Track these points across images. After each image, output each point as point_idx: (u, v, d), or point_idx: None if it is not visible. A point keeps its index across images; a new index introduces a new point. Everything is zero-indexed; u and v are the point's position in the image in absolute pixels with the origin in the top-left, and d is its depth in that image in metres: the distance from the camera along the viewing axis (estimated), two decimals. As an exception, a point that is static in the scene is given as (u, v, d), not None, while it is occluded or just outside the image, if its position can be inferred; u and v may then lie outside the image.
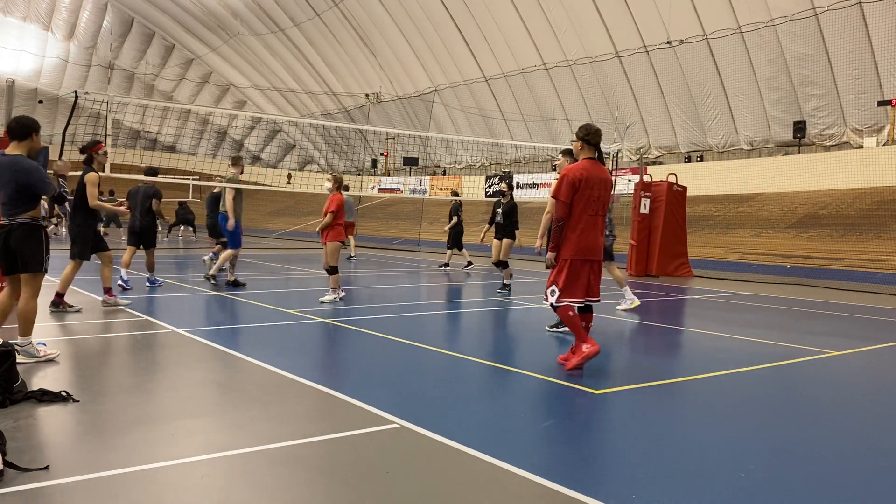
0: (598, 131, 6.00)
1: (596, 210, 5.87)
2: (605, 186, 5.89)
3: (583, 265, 5.87)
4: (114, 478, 3.27)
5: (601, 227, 5.97)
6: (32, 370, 5.22)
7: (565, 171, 5.89)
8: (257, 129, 56.66)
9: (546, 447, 3.92)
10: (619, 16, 29.21)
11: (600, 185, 5.86)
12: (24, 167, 5.39)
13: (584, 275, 5.87)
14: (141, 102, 37.68)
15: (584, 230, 5.84)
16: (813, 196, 23.81)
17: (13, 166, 5.36)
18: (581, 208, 5.82)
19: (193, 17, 47.50)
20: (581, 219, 5.83)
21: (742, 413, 4.82)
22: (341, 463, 3.57)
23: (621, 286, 10.05)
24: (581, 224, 5.83)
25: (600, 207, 5.89)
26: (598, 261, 5.95)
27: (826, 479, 3.60)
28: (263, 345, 6.73)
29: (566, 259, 5.87)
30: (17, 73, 47.02)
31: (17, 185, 5.37)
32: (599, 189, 5.85)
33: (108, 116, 12.94)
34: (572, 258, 5.84)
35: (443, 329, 7.82)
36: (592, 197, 5.82)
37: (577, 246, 5.83)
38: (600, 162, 6.00)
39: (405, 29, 38.52)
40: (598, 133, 5.98)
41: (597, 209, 5.87)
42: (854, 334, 8.70)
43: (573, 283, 5.84)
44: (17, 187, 5.38)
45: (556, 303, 5.88)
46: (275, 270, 14.51)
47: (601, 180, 5.87)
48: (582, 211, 5.82)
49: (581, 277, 5.86)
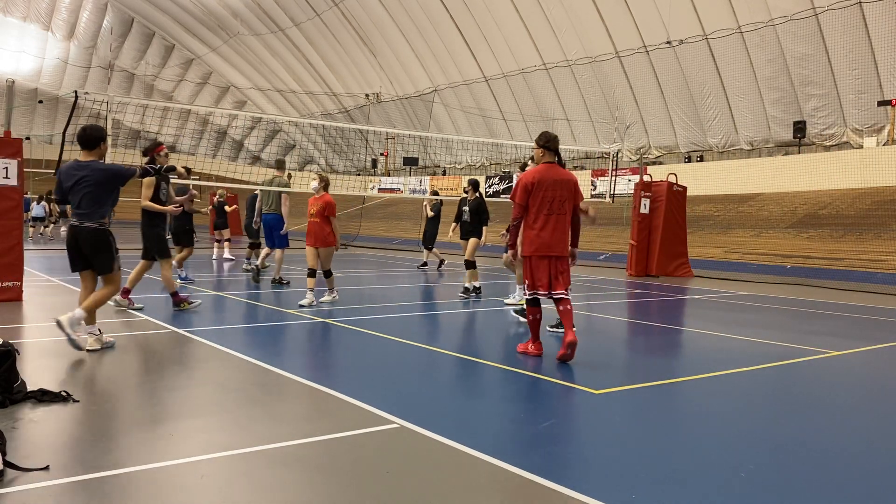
0: (556, 138, 6.50)
1: (552, 209, 6.26)
2: (562, 187, 6.29)
3: (541, 261, 6.27)
4: (114, 478, 3.27)
5: (562, 225, 6.31)
6: (32, 370, 5.22)
7: (521, 177, 6.43)
8: (257, 129, 56.66)
9: (546, 447, 3.92)
10: (619, 16, 29.20)
11: (555, 185, 6.28)
12: (100, 167, 6.07)
13: (541, 270, 6.27)
14: (141, 102, 37.64)
15: (541, 228, 6.25)
16: (813, 196, 23.81)
17: (88, 169, 5.99)
18: (537, 209, 6.26)
19: (193, 17, 47.50)
20: (538, 218, 6.26)
21: (742, 413, 4.82)
22: (341, 463, 3.57)
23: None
24: (538, 223, 6.26)
25: (557, 206, 6.27)
26: (557, 256, 6.29)
27: (826, 479, 3.60)
28: (263, 345, 6.73)
29: (527, 256, 6.33)
30: (17, 73, 47.04)
31: (95, 188, 5.97)
32: (555, 190, 6.27)
33: (108, 116, 12.93)
34: (531, 255, 6.28)
35: (443, 329, 7.83)
36: (547, 197, 6.26)
37: (535, 243, 6.26)
38: (560, 165, 6.47)
39: (405, 29, 38.51)
40: (556, 140, 6.49)
41: (553, 209, 6.26)
42: (854, 334, 8.70)
43: (537, 278, 6.29)
44: (95, 190, 5.97)
45: (527, 296, 6.39)
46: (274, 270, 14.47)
47: (557, 181, 6.29)
48: (538, 211, 6.26)
49: (542, 272, 6.27)
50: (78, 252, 6.10)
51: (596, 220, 7.32)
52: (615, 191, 19.67)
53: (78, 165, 6.06)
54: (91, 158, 6.09)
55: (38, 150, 37.81)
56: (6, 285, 8.86)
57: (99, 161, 6.13)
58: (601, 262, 21.72)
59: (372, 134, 45.92)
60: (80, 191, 6.00)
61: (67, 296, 9.65)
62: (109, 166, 6.19)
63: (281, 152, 56.60)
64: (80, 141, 6.09)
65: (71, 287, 10.54)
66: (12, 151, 8.92)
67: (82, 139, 6.08)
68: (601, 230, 27.38)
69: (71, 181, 6.04)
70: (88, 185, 5.99)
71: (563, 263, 6.35)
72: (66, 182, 6.06)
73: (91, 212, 6.04)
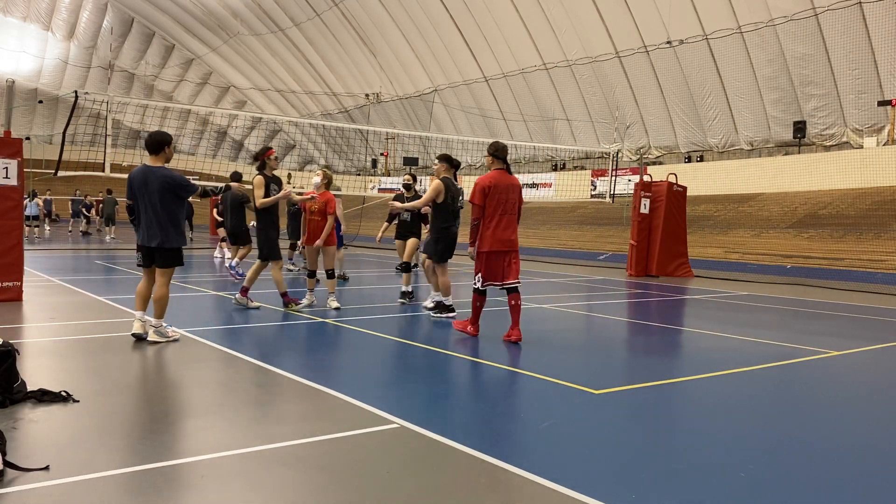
0: (505, 147, 7.31)
1: (506, 210, 7.09)
2: (513, 190, 7.18)
3: (498, 255, 7.09)
4: (114, 478, 3.27)
5: (513, 224, 7.19)
6: (32, 370, 5.22)
7: (478, 181, 7.19)
8: (257, 129, 56.64)
9: (546, 447, 3.92)
10: (619, 16, 29.19)
11: (508, 189, 7.14)
12: (171, 175, 6.43)
13: (499, 263, 7.10)
14: (141, 102, 37.67)
15: (497, 227, 7.07)
16: (813, 196, 23.81)
17: (156, 174, 6.37)
18: (493, 210, 7.06)
19: (193, 17, 47.48)
20: (494, 218, 7.07)
21: (742, 413, 4.82)
22: (341, 463, 3.57)
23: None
24: (494, 222, 7.07)
25: (510, 207, 7.12)
26: (512, 251, 7.15)
27: (826, 479, 3.60)
28: (263, 345, 6.74)
29: (484, 251, 7.10)
30: (17, 73, 47.01)
31: (161, 192, 6.32)
32: (508, 193, 7.12)
33: (108, 116, 12.94)
34: (489, 250, 7.07)
35: (442, 329, 7.82)
36: (502, 199, 7.08)
37: (492, 240, 7.06)
38: (508, 172, 7.27)
39: (405, 29, 38.50)
40: (505, 149, 7.31)
41: (506, 209, 7.10)
42: (854, 334, 8.70)
43: (492, 271, 7.10)
44: (162, 193, 6.32)
45: (481, 287, 7.15)
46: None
47: (509, 186, 7.16)
48: (493, 212, 7.06)
49: (498, 265, 7.09)
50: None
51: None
52: (615, 191, 19.66)
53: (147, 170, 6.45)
54: (158, 164, 6.49)
55: (38, 150, 37.80)
56: (6, 285, 8.86)
57: (166, 168, 6.52)
58: (601, 262, 21.73)
59: (372, 134, 45.89)
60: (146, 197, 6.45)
61: (67, 296, 9.65)
62: (175, 177, 6.50)
63: (281, 152, 56.59)
64: (147, 147, 6.53)
65: (71, 287, 10.55)
66: (12, 151, 8.92)
67: (148, 145, 6.50)
68: (601, 230, 27.40)
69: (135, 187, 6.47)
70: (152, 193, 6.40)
71: (515, 256, 7.20)
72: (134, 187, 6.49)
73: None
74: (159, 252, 6.46)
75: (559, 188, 32.08)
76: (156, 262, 6.52)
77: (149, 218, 6.42)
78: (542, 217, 32.45)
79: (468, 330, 7.30)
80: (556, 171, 34.35)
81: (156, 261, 6.51)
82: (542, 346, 7.21)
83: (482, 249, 7.09)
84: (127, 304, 8.82)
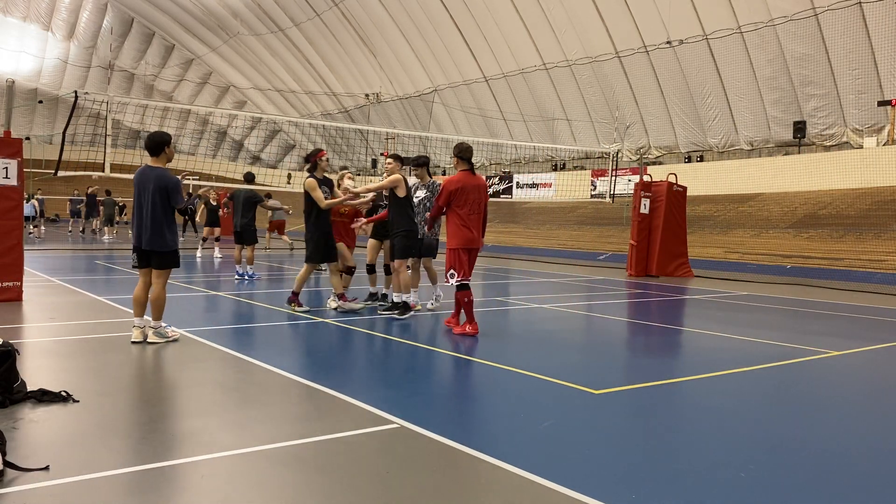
0: (469, 148, 7.53)
1: (472, 210, 7.43)
2: (479, 191, 7.51)
3: (464, 252, 7.47)
4: (114, 478, 3.27)
5: (479, 223, 7.53)
6: (32, 370, 5.22)
7: (445, 182, 7.51)
8: (257, 129, 56.65)
9: (546, 447, 3.92)
10: (619, 16, 29.18)
11: (475, 190, 7.46)
12: (166, 176, 6.40)
13: (465, 259, 7.49)
14: (141, 102, 37.61)
15: (465, 226, 7.41)
16: (813, 196, 23.81)
17: (154, 173, 6.37)
18: (462, 211, 7.40)
19: (193, 17, 47.48)
20: (461, 217, 7.40)
21: (742, 413, 4.82)
22: (341, 463, 3.57)
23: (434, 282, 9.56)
24: (461, 221, 7.41)
25: (476, 207, 7.46)
26: (476, 248, 7.54)
27: (826, 480, 3.60)
28: (263, 345, 6.74)
29: (454, 248, 7.43)
30: (17, 73, 47.03)
31: (156, 192, 6.31)
32: (474, 193, 7.44)
33: (108, 116, 12.94)
34: (458, 247, 7.42)
35: (442, 329, 7.82)
36: (469, 200, 7.40)
37: (461, 238, 7.42)
38: (472, 173, 7.54)
39: (405, 29, 38.49)
40: (470, 150, 7.53)
41: (473, 209, 7.43)
42: (854, 334, 8.70)
43: (461, 265, 7.46)
44: (157, 194, 6.32)
45: (457, 283, 7.45)
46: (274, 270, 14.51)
47: (475, 186, 7.48)
48: (463, 212, 7.40)
49: (465, 261, 7.48)
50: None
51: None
52: (615, 191, 19.66)
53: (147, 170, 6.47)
54: (158, 165, 6.47)
55: (38, 150, 37.78)
56: (6, 285, 8.86)
57: (167, 170, 6.48)
58: (601, 262, 21.73)
59: (372, 134, 45.88)
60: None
61: (67, 296, 9.65)
62: (172, 182, 6.47)
63: (281, 152, 56.60)
64: (146, 148, 6.51)
65: (71, 287, 10.55)
66: (12, 151, 8.92)
67: (148, 147, 6.48)
68: (601, 230, 27.40)
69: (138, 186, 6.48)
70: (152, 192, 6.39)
71: (476, 255, 7.62)
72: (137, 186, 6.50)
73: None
74: (155, 254, 6.43)
75: (559, 188, 32.08)
76: (152, 264, 6.48)
77: (144, 219, 6.38)
78: (542, 217, 32.44)
79: (468, 331, 7.37)
80: (556, 171, 34.34)
81: (152, 262, 6.48)
82: (542, 346, 7.22)
83: (452, 246, 7.45)
84: (127, 304, 8.82)
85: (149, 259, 6.48)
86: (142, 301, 6.49)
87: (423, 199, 8.94)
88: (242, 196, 12.64)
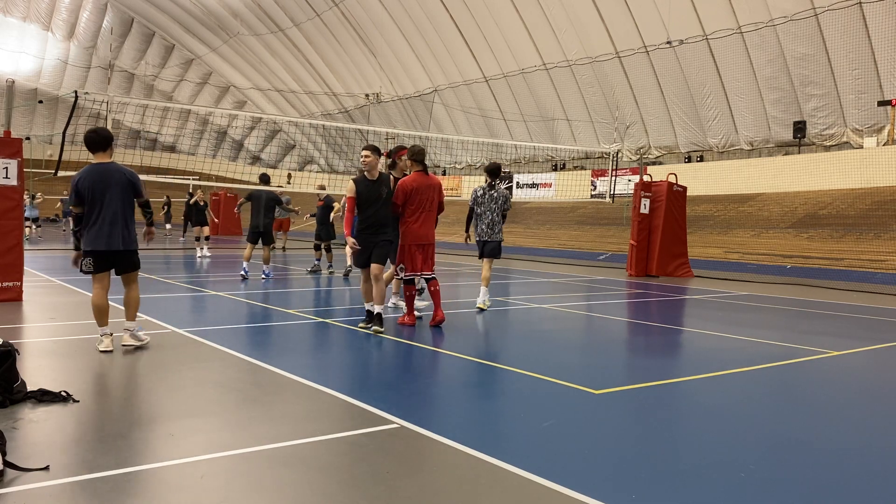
0: (422, 150, 7.97)
1: (425, 208, 7.83)
2: (432, 191, 7.91)
3: (417, 248, 7.83)
4: (114, 478, 3.27)
5: (431, 220, 7.93)
6: (32, 370, 5.22)
7: (400, 183, 7.85)
8: (257, 129, 56.64)
9: (546, 447, 3.92)
10: (619, 16, 29.18)
11: (427, 190, 7.87)
12: (129, 171, 6.15)
13: (418, 256, 7.84)
14: (141, 102, 37.66)
15: (417, 223, 7.81)
16: (813, 196, 23.81)
17: (120, 171, 6.08)
18: (413, 208, 7.79)
19: (193, 17, 47.48)
20: (414, 215, 7.80)
21: (742, 413, 4.82)
22: (341, 463, 3.57)
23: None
24: (414, 219, 7.80)
25: (427, 206, 7.85)
26: (428, 244, 7.90)
27: (826, 480, 3.60)
28: (263, 345, 6.74)
29: (404, 245, 7.85)
30: (17, 73, 47.06)
31: (126, 189, 6.04)
32: (427, 193, 7.85)
33: (108, 116, 12.96)
34: (409, 244, 7.83)
35: (442, 329, 7.81)
36: (423, 199, 7.81)
37: (413, 235, 7.81)
38: (426, 173, 7.94)
39: (405, 29, 38.49)
40: (422, 152, 7.98)
41: (425, 207, 7.83)
42: (854, 334, 8.70)
43: (412, 262, 7.84)
44: (126, 191, 6.05)
45: (405, 276, 7.90)
46: (274, 270, 14.51)
47: (428, 186, 7.88)
48: (414, 210, 7.80)
49: (416, 257, 7.84)
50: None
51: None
52: (615, 191, 19.67)
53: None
54: (108, 160, 6.13)
55: (38, 150, 37.80)
56: (6, 285, 8.86)
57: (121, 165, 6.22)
58: (601, 262, 21.72)
59: (372, 134, 45.88)
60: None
61: (67, 296, 9.65)
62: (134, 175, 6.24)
63: (281, 152, 56.59)
64: (92, 143, 6.07)
65: (71, 287, 10.55)
66: (12, 151, 8.92)
67: (95, 141, 6.06)
68: (601, 230, 27.40)
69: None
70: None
71: (431, 249, 7.96)
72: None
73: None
74: (127, 253, 6.10)
75: (559, 188, 32.08)
76: (120, 267, 6.14)
77: (112, 217, 5.96)
78: (542, 217, 32.44)
79: (406, 321, 7.91)
80: (556, 171, 34.34)
81: (119, 265, 6.13)
82: (543, 346, 7.22)
83: (404, 242, 7.86)
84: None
85: (112, 262, 6.09)
86: (105, 308, 6.07)
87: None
88: (265, 197, 12.82)
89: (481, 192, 9.61)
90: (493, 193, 9.58)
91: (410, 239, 7.86)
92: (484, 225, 9.56)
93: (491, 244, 9.60)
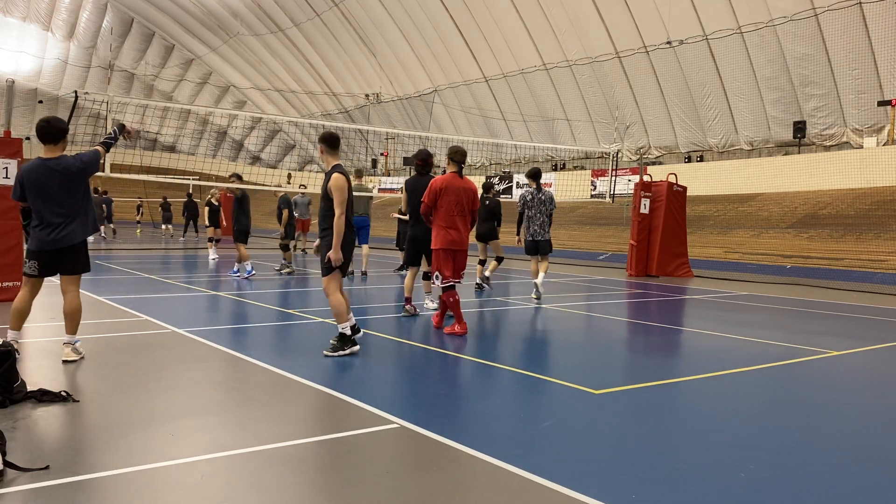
0: (461, 151, 7.60)
1: (456, 212, 7.44)
2: (465, 194, 7.50)
3: (448, 254, 7.47)
4: (114, 478, 3.27)
5: (465, 225, 7.54)
6: (32, 370, 5.22)
7: (431, 182, 7.51)
8: (257, 129, 56.66)
9: (546, 447, 3.92)
10: (619, 16, 29.19)
11: (459, 192, 7.45)
12: (76, 159, 5.53)
13: (450, 260, 7.48)
14: (141, 102, 37.57)
15: (448, 228, 7.43)
16: (813, 196, 23.81)
17: (63, 163, 5.48)
18: (444, 210, 7.41)
19: (193, 17, 47.50)
20: (445, 219, 7.43)
21: (742, 413, 4.82)
22: (341, 463, 3.57)
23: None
24: (445, 223, 7.43)
25: (460, 209, 7.46)
26: (461, 250, 7.54)
27: (826, 479, 3.60)
28: (263, 345, 6.73)
29: (437, 249, 7.49)
30: (17, 73, 47.05)
31: (74, 181, 5.49)
32: (459, 195, 7.44)
33: (108, 116, 12.95)
34: (442, 248, 7.45)
35: (441, 329, 7.81)
36: (452, 202, 7.41)
37: (444, 240, 7.44)
38: (459, 175, 7.55)
39: (405, 29, 38.50)
40: (461, 153, 7.60)
41: (457, 211, 7.44)
42: (854, 334, 8.70)
43: (447, 267, 7.47)
44: (75, 182, 5.50)
45: (442, 284, 7.47)
46: (273, 270, 14.50)
47: (461, 189, 7.48)
48: (445, 213, 7.42)
49: (449, 262, 7.48)
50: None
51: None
52: (615, 191, 19.67)
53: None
54: (56, 154, 5.53)
55: (37, 150, 37.72)
56: (6, 285, 8.86)
57: (67, 156, 5.59)
58: (601, 262, 21.72)
59: (372, 134, 45.90)
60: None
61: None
62: (75, 161, 5.59)
63: (281, 152, 56.60)
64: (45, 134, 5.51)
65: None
66: (12, 151, 8.92)
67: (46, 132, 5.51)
68: (601, 230, 27.40)
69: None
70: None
71: (463, 256, 7.61)
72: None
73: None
74: (72, 254, 5.52)
75: (559, 188, 32.07)
76: (65, 268, 5.55)
77: (60, 214, 5.46)
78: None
79: (456, 330, 7.33)
80: (556, 171, 34.34)
81: (65, 266, 5.54)
82: (543, 346, 7.22)
83: (436, 246, 7.51)
84: (128, 304, 8.84)
85: (58, 263, 5.52)
86: (26, 313, 5.58)
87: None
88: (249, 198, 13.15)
89: (530, 197, 10.56)
90: (541, 196, 10.54)
91: (441, 243, 7.48)
92: (536, 226, 10.55)
93: (543, 242, 10.61)
